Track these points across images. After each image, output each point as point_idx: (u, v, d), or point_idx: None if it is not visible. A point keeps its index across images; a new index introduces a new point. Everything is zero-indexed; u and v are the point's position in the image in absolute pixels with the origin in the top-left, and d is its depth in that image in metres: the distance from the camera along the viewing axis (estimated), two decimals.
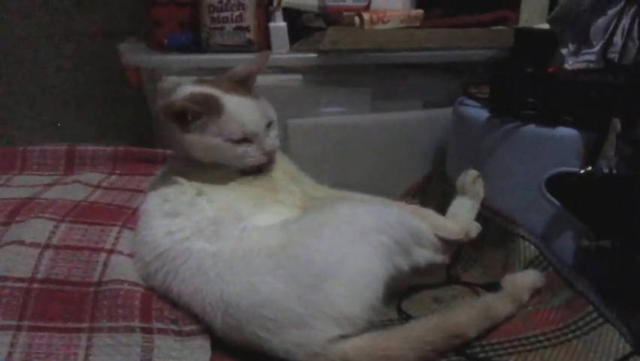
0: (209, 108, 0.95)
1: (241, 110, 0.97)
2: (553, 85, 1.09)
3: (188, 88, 1.00)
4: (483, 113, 1.18)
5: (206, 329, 0.89)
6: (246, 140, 0.97)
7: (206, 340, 0.88)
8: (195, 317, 0.89)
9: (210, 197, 0.95)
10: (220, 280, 0.86)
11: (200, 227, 0.91)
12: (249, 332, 0.84)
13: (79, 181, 1.25)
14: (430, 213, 1.04)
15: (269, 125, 1.01)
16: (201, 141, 0.96)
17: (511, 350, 0.87)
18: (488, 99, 1.20)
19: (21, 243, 0.95)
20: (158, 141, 1.44)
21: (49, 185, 1.23)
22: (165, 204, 0.95)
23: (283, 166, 1.07)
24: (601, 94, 1.03)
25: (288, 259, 0.85)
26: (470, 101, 1.26)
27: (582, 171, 1.03)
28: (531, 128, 1.09)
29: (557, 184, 1.07)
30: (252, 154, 0.98)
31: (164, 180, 1.00)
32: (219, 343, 0.88)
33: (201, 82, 1.02)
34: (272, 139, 1.01)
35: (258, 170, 1.02)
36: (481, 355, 0.86)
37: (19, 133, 1.97)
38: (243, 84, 1.01)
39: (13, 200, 1.12)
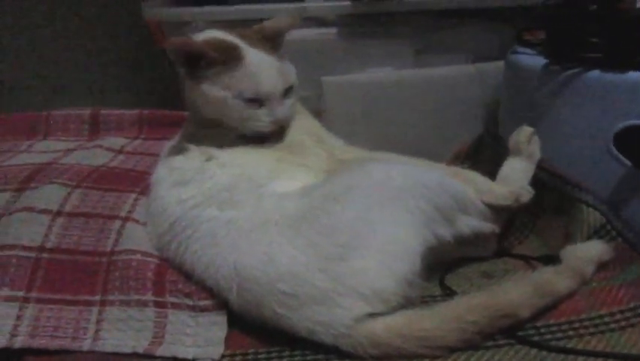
0: (227, 57, 0.91)
1: (261, 66, 0.93)
2: (622, 22, 1.00)
3: (211, 32, 0.97)
4: (538, 61, 1.11)
5: (223, 305, 0.84)
6: (257, 101, 0.93)
7: (223, 316, 0.84)
8: (211, 291, 0.85)
9: (222, 161, 0.91)
10: (234, 251, 0.82)
11: (210, 193, 0.87)
12: (266, 308, 0.78)
13: (100, 146, 1.25)
14: (475, 176, 0.98)
15: (287, 91, 0.96)
16: (209, 94, 0.92)
17: (571, 333, 0.78)
18: (544, 44, 1.14)
19: (31, 209, 0.93)
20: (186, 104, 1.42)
21: (70, 150, 1.23)
22: (173, 173, 0.92)
23: (308, 127, 1.02)
24: None
25: (309, 226, 0.80)
26: (524, 49, 1.20)
27: None
28: (595, 74, 1.01)
29: (628, 140, 0.99)
30: (260, 119, 0.93)
31: (174, 147, 0.97)
32: (238, 320, 0.83)
33: (226, 30, 0.98)
34: (286, 107, 0.95)
35: (264, 139, 0.96)
36: (536, 338, 0.77)
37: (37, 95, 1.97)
38: (271, 40, 0.97)
39: (31, 165, 1.11)
